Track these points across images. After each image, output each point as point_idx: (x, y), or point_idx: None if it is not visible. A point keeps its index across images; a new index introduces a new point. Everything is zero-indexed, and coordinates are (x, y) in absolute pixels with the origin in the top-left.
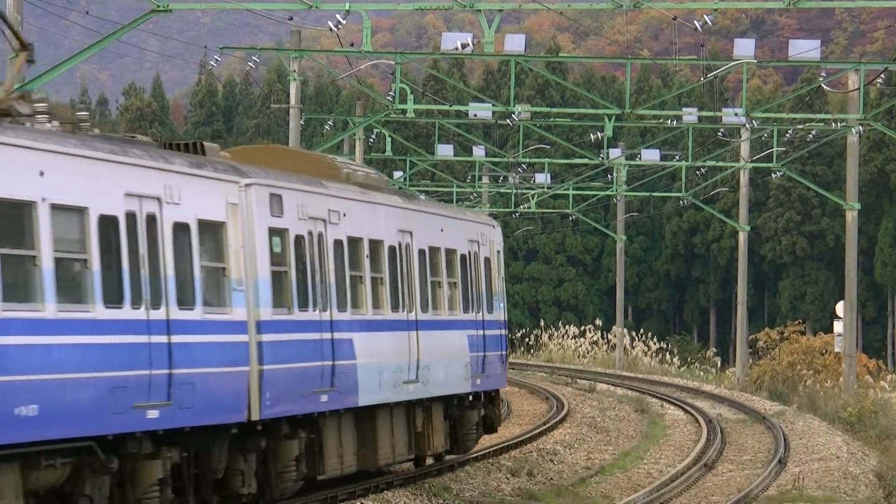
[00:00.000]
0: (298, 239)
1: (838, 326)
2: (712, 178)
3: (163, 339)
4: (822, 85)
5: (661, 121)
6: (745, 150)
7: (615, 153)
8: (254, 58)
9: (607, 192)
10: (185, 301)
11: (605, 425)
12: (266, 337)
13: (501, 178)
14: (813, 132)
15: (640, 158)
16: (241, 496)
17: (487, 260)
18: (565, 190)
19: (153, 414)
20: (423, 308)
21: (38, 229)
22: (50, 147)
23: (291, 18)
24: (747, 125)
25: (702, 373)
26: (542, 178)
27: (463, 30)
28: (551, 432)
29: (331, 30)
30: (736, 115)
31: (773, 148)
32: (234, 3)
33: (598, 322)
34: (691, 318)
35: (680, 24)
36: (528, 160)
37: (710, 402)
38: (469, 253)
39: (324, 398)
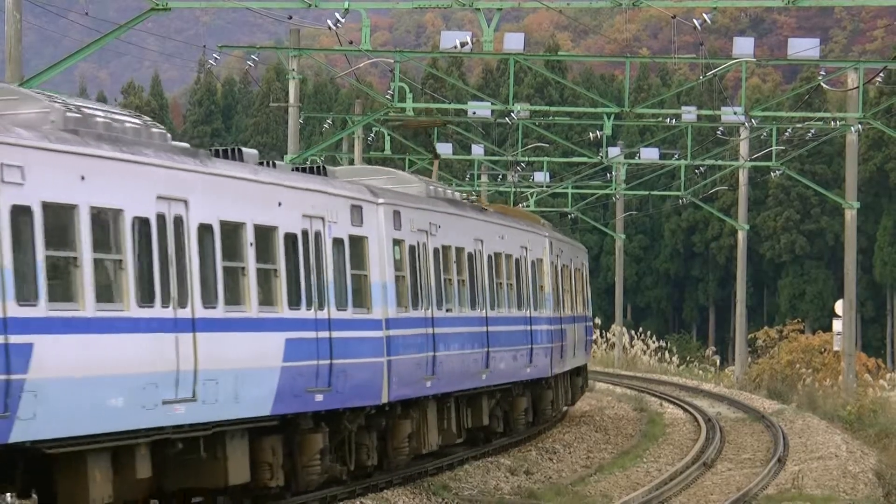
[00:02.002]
0: (559, 268)
1: (837, 325)
2: (711, 177)
3: (528, 327)
4: (822, 83)
5: (660, 119)
6: (744, 148)
7: (614, 152)
8: (253, 56)
9: (606, 191)
10: (535, 306)
11: (603, 424)
12: (556, 326)
13: (500, 176)
14: (812, 131)
15: (639, 157)
16: (525, 422)
17: (584, 275)
18: (564, 189)
19: (528, 372)
20: (566, 308)
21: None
22: (526, 228)
23: (290, 17)
24: (746, 124)
25: (701, 371)
26: (540, 176)
27: (462, 28)
28: (550, 431)
29: (330, 28)
30: (735, 113)
31: (772, 146)
32: (232, 2)
33: (597, 320)
34: (690, 316)
35: (679, 22)
36: (527, 159)
37: (710, 401)
38: (580, 270)
39: (559, 363)
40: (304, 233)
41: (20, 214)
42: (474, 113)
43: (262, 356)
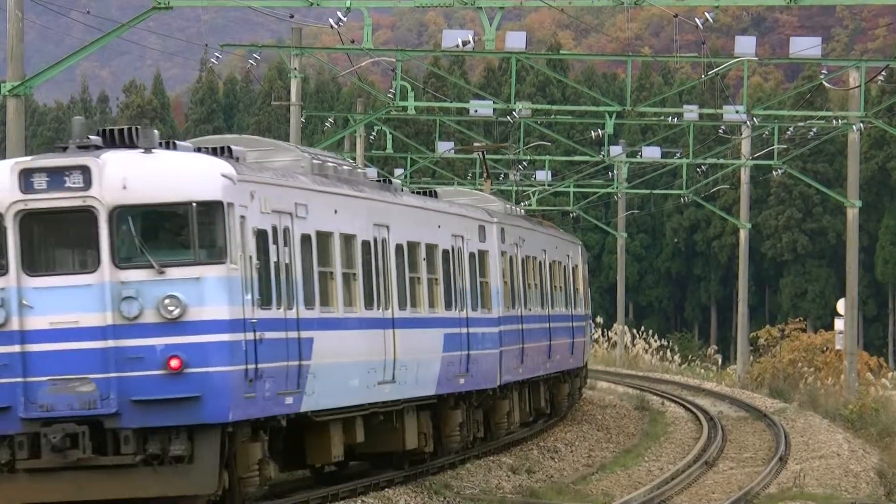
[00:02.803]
0: (582, 271)
1: (839, 324)
2: (713, 176)
3: (571, 324)
4: (823, 82)
5: (662, 118)
6: (745, 147)
7: (616, 150)
8: (254, 55)
9: (608, 190)
10: (575, 306)
11: (605, 423)
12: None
13: (502, 175)
14: (814, 129)
15: (640, 156)
16: (568, 405)
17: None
18: (566, 187)
19: (571, 362)
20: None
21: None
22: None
23: (292, 16)
24: (748, 122)
25: (703, 370)
26: (542, 175)
27: (464, 27)
28: (552, 430)
29: (331, 27)
30: (737, 112)
31: (773, 145)
32: (234, 1)
33: (599, 319)
34: (692, 315)
35: (681, 21)
36: (528, 157)
37: (711, 400)
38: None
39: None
40: (452, 249)
41: (305, 241)
42: (476, 111)
43: (431, 348)
